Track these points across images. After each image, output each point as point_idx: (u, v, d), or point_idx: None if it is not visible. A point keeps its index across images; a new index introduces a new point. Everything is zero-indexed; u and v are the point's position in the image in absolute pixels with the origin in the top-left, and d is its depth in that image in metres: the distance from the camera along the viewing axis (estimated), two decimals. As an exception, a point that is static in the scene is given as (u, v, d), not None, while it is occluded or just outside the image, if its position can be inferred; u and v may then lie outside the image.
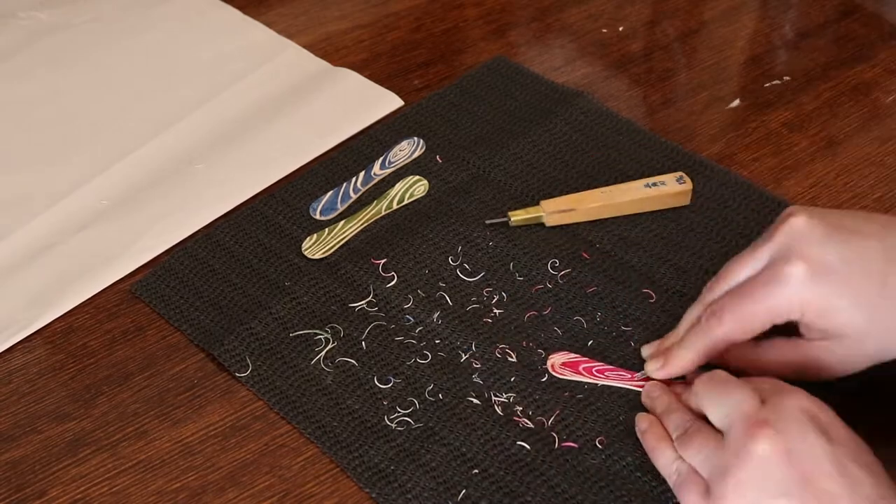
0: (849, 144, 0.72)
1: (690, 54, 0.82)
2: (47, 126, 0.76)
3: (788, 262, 0.49)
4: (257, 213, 0.68)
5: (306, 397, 0.56)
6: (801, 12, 0.86)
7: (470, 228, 0.65)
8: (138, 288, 0.63)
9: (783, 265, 0.49)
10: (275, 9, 0.88)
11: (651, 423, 0.52)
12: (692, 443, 0.48)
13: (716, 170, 0.69)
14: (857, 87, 0.77)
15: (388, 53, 0.82)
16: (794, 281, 0.49)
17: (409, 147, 0.72)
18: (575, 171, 0.69)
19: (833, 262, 0.49)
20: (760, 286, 0.50)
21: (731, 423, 0.46)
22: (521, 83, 0.77)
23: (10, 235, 0.66)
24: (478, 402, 0.55)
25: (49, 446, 0.55)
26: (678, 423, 0.50)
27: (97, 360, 0.59)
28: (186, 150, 0.73)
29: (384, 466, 0.52)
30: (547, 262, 0.63)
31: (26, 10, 0.88)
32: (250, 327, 0.59)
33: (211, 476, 0.53)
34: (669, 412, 0.51)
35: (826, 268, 0.49)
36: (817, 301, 0.49)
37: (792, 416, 0.45)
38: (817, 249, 0.49)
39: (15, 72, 0.81)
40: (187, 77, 0.80)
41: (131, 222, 0.67)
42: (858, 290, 0.49)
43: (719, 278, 0.53)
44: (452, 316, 0.60)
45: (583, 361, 0.57)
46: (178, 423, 0.55)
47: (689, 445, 0.48)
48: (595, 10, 0.87)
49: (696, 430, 0.48)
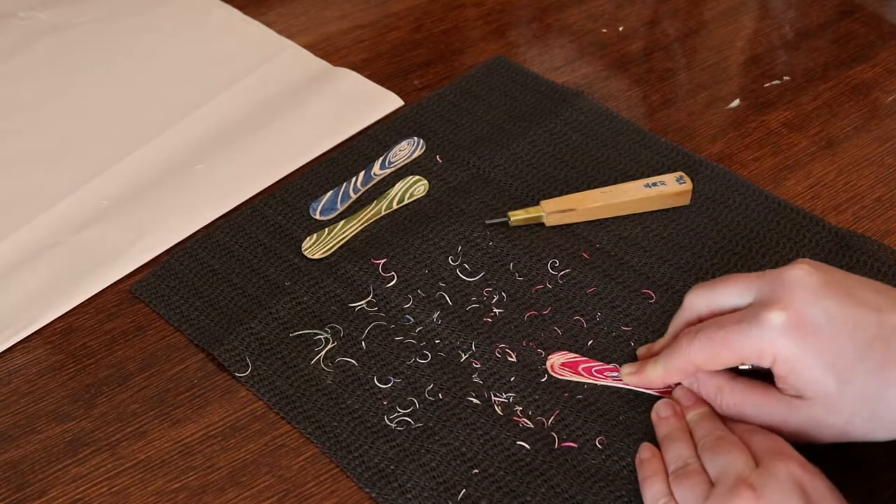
0: (848, 144, 0.72)
1: (690, 54, 0.82)
2: (47, 126, 0.76)
3: (770, 308, 0.47)
4: (257, 213, 0.68)
5: (306, 397, 0.56)
6: (801, 12, 0.86)
7: (470, 228, 0.65)
8: (138, 288, 0.63)
9: (763, 309, 0.47)
10: (275, 9, 0.88)
11: (652, 455, 0.51)
12: (686, 482, 0.48)
13: (716, 170, 0.69)
14: (857, 87, 0.77)
15: (388, 53, 0.82)
16: (769, 328, 0.47)
17: (409, 147, 0.72)
18: (575, 171, 0.69)
19: (818, 320, 0.46)
20: (735, 323, 0.48)
21: (721, 479, 0.46)
22: (521, 83, 0.77)
23: (10, 235, 0.66)
24: (478, 402, 0.55)
25: (49, 446, 0.55)
26: (678, 456, 0.50)
27: (97, 360, 0.59)
28: (186, 150, 0.73)
29: (384, 466, 0.52)
30: (547, 262, 0.63)
31: (26, 10, 0.88)
32: (250, 327, 0.59)
33: (211, 476, 0.53)
34: (672, 440, 0.51)
35: (808, 323, 0.46)
36: (788, 354, 0.46)
37: (778, 484, 0.45)
38: (805, 303, 0.47)
39: (15, 72, 0.82)
40: (187, 77, 0.80)
41: (131, 222, 0.67)
42: (837, 354, 0.46)
43: (708, 289, 0.52)
44: (452, 316, 0.60)
45: (582, 361, 0.57)
46: (178, 423, 0.55)
47: (682, 483, 0.48)
48: (595, 10, 0.87)
49: (694, 471, 0.48)
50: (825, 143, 0.72)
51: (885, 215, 0.66)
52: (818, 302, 0.47)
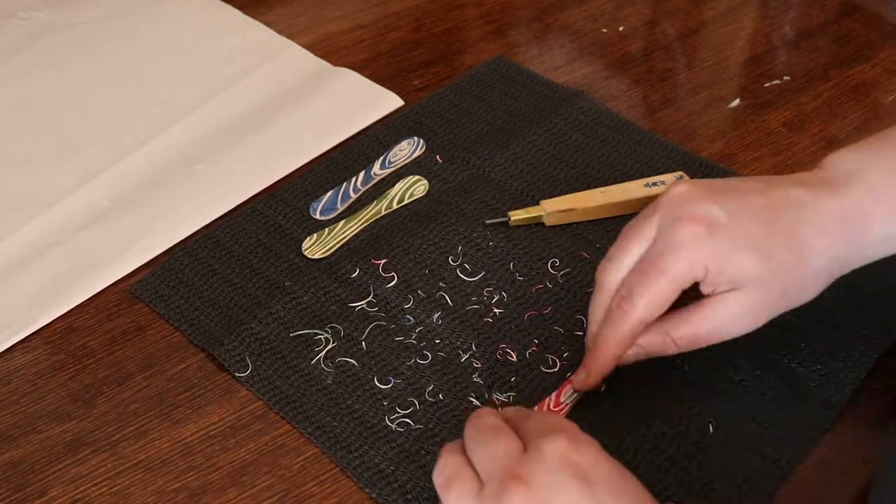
0: (849, 144, 0.72)
1: (690, 54, 0.82)
2: (47, 126, 0.76)
3: (678, 226, 0.49)
4: (257, 213, 0.68)
5: (306, 397, 0.56)
6: (801, 12, 0.86)
7: (470, 228, 0.65)
8: (138, 288, 0.63)
9: (673, 231, 0.49)
10: (275, 9, 0.88)
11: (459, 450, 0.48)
12: (452, 489, 0.44)
13: (716, 170, 0.69)
14: (857, 87, 0.77)
15: (388, 53, 0.82)
16: (689, 241, 0.49)
17: (409, 147, 0.72)
18: (575, 171, 0.69)
19: (719, 217, 0.49)
20: (657, 257, 0.49)
21: (489, 477, 0.43)
22: (521, 83, 0.77)
23: (10, 235, 0.66)
24: (478, 403, 0.55)
25: (49, 446, 0.54)
26: (445, 464, 0.46)
27: (97, 360, 0.59)
28: (186, 150, 0.73)
29: (384, 467, 0.52)
30: (547, 262, 0.63)
31: (26, 10, 0.88)
32: (250, 327, 0.59)
33: (211, 476, 0.53)
34: (447, 451, 0.47)
35: (714, 222, 0.49)
36: (715, 254, 0.48)
37: (548, 468, 0.42)
38: (702, 208, 0.49)
39: (15, 72, 0.81)
40: (187, 77, 0.80)
41: (131, 222, 0.67)
42: (749, 237, 0.49)
43: (612, 259, 0.52)
44: (452, 316, 0.60)
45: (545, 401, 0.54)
46: (178, 423, 0.55)
47: (449, 491, 0.44)
48: (595, 10, 0.87)
49: (456, 473, 0.45)
50: (825, 143, 0.72)
51: (886, 215, 0.66)
52: (712, 203, 0.49)
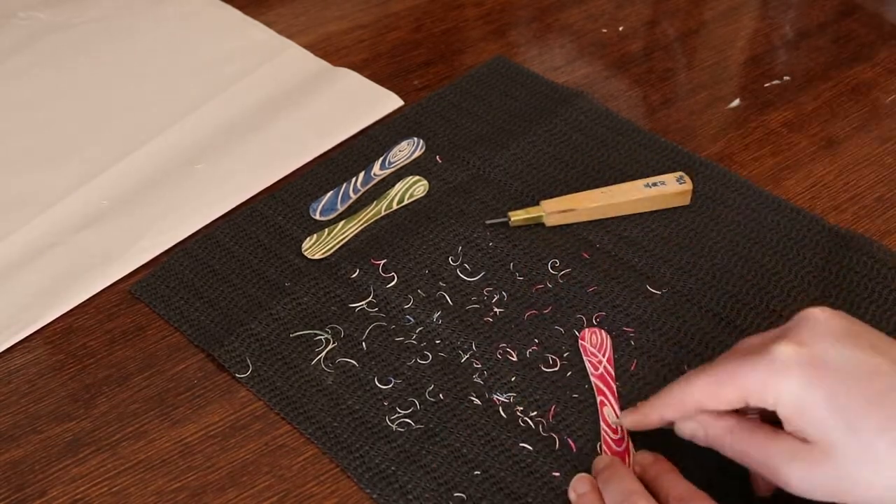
0: (848, 144, 0.72)
1: (690, 54, 0.82)
2: (47, 126, 0.76)
3: (781, 341, 0.43)
4: (257, 213, 0.67)
5: (307, 398, 0.56)
6: (801, 12, 0.86)
7: (470, 228, 0.65)
8: (138, 288, 0.63)
9: (774, 343, 0.44)
10: (275, 9, 0.88)
11: (591, 489, 0.49)
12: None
13: (716, 170, 0.69)
14: (857, 87, 0.77)
15: (388, 53, 0.82)
16: (778, 361, 0.43)
17: (408, 147, 0.72)
18: (575, 171, 0.69)
19: (832, 359, 0.42)
20: (740, 356, 0.45)
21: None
22: (521, 83, 0.77)
23: (10, 235, 0.66)
24: (478, 403, 0.55)
25: (49, 446, 0.54)
26: (621, 490, 0.47)
27: (97, 360, 0.59)
28: (186, 150, 0.73)
29: (385, 467, 0.52)
30: (547, 262, 0.63)
31: (26, 10, 0.88)
32: (250, 328, 0.59)
33: (211, 476, 0.53)
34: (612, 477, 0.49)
35: (820, 362, 0.42)
36: (796, 390, 0.42)
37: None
38: (822, 342, 0.43)
39: (15, 72, 0.81)
40: (187, 77, 0.80)
41: (131, 222, 0.67)
42: (849, 398, 0.41)
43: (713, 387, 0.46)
44: (453, 316, 0.60)
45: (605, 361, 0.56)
46: (178, 423, 0.55)
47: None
48: (595, 10, 0.87)
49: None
50: (825, 143, 0.72)
51: (885, 215, 0.66)
52: (836, 343, 0.43)
